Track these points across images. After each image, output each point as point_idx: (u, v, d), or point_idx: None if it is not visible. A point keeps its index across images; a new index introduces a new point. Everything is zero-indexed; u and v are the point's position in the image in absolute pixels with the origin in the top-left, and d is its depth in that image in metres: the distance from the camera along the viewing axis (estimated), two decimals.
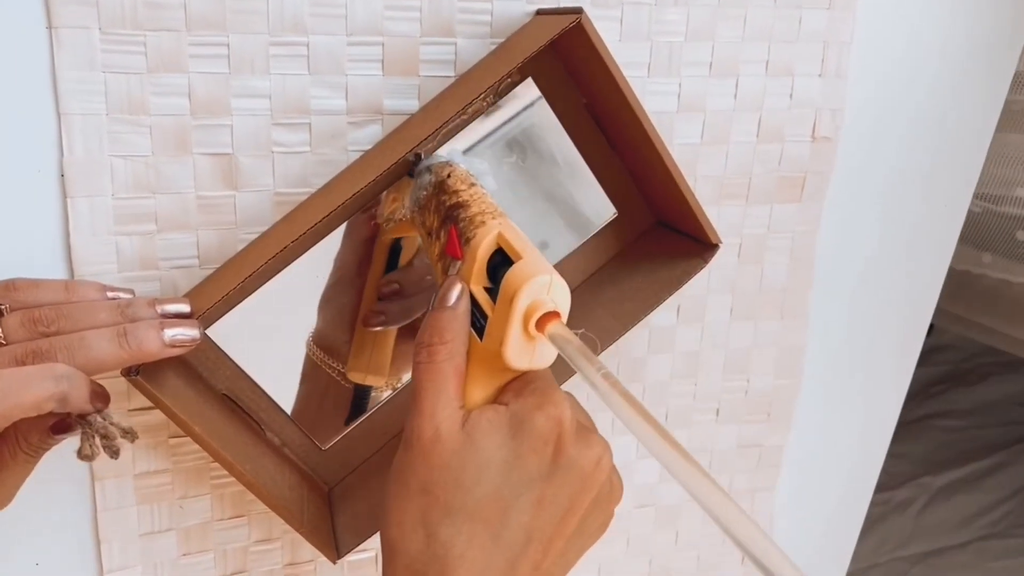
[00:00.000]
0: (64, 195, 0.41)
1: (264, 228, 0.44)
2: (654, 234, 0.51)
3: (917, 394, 1.64)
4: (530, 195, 0.48)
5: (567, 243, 0.50)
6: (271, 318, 0.45)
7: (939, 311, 0.67)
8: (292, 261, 0.44)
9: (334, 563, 0.45)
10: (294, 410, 0.47)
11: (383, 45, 0.43)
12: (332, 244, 0.45)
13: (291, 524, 0.44)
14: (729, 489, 0.61)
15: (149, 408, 0.45)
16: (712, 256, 0.47)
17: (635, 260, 0.51)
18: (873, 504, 0.71)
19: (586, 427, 0.35)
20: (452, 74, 0.45)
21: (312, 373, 0.47)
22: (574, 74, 0.46)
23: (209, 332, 0.44)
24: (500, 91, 0.45)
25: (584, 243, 0.50)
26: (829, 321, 0.59)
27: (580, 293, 0.50)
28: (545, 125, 0.47)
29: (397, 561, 0.33)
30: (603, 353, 0.47)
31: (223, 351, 0.45)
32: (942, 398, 1.67)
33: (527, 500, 0.33)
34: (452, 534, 0.32)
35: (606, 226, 0.50)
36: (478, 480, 0.33)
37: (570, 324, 0.49)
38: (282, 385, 0.47)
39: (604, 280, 0.50)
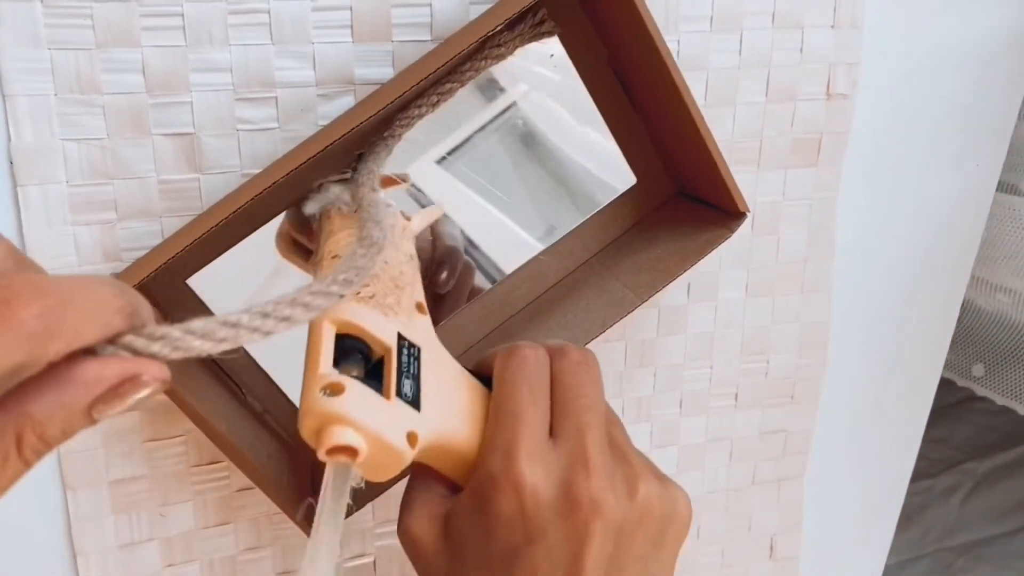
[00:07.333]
0: (14, 184, 0.38)
1: None
2: (674, 204, 0.49)
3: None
4: (540, 164, 0.46)
5: (579, 215, 0.47)
6: (255, 277, 0.42)
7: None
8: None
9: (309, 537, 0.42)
10: None
11: (351, 9, 0.40)
12: None
13: (267, 492, 0.41)
14: (753, 479, 0.57)
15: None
16: (739, 225, 0.44)
17: (653, 231, 0.48)
18: (913, 493, 0.66)
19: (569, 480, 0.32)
20: (428, 38, 0.41)
21: None
22: (594, 22, 0.43)
23: (192, 286, 0.41)
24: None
25: (599, 212, 0.47)
26: (854, 294, 0.55)
27: (593, 265, 0.47)
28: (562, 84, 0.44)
29: None
30: (611, 329, 0.44)
31: (206, 306, 0.41)
32: (984, 377, 1.60)
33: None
34: None
35: (623, 195, 0.47)
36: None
37: (582, 297, 0.46)
38: (265, 347, 0.43)
39: (620, 251, 0.48)
